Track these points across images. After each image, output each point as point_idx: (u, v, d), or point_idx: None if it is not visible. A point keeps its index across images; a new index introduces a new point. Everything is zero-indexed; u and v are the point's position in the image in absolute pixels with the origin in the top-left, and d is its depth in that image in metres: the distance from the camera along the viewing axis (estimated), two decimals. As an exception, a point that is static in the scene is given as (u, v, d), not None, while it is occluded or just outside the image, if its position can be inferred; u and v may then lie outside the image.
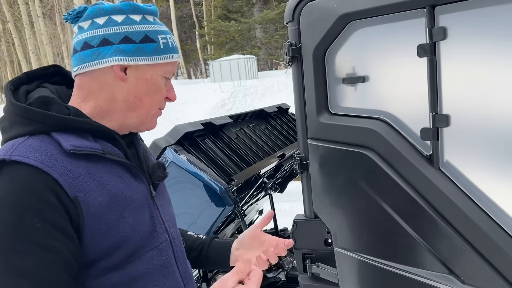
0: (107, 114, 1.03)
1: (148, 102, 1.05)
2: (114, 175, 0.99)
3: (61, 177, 0.89)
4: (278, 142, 3.28)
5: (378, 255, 1.39)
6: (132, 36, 0.99)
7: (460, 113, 1.17)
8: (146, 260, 1.02)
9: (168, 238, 1.09)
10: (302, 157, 1.56)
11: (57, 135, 0.94)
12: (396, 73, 1.29)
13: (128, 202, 0.99)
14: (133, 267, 0.99)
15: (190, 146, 2.34)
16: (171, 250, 1.09)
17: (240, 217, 2.28)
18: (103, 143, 1.00)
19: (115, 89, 1.01)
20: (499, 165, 1.12)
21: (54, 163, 0.90)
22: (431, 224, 1.24)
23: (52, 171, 0.89)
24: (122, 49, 0.98)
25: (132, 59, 0.99)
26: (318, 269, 1.59)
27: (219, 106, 16.23)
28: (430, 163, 1.24)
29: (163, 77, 1.05)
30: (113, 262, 0.96)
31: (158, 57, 1.02)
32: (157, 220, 1.07)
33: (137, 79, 1.01)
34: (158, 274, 1.04)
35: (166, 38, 1.04)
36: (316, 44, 1.42)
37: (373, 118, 1.35)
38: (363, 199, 1.39)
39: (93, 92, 1.02)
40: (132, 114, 1.04)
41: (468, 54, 1.12)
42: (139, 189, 1.04)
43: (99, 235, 0.93)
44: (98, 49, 0.98)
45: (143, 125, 1.08)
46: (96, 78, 1.01)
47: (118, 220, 0.96)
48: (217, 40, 29.27)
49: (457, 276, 1.22)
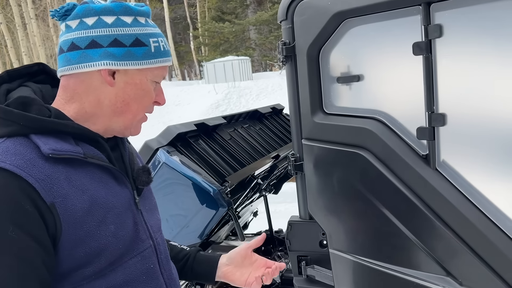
0: (91, 117, 0.99)
1: (135, 107, 1.01)
2: (95, 180, 0.95)
3: (37, 182, 0.85)
4: (273, 143, 3.25)
5: (374, 257, 1.37)
6: (122, 39, 0.95)
7: (456, 112, 1.15)
8: (129, 268, 0.98)
9: (152, 245, 1.06)
10: (296, 157, 1.54)
11: (36, 138, 0.90)
12: (392, 72, 1.27)
13: (110, 208, 0.95)
14: (114, 275, 0.96)
15: (183, 147, 2.31)
16: (155, 257, 1.06)
17: (234, 219, 2.25)
18: (85, 146, 0.96)
19: (101, 93, 0.97)
20: (496, 165, 1.11)
21: (30, 168, 0.86)
22: (428, 225, 1.22)
23: (28, 176, 0.84)
24: (111, 53, 0.94)
25: (121, 63, 0.95)
26: (313, 271, 1.56)
27: (214, 107, 16.20)
28: (426, 163, 1.22)
29: (152, 82, 1.02)
30: (94, 270, 0.92)
31: (149, 61, 0.98)
32: (140, 226, 1.03)
33: (126, 84, 0.98)
34: (140, 281, 1.01)
35: (157, 42, 1.00)
36: (310, 42, 1.40)
37: (368, 118, 1.33)
38: (358, 200, 1.36)
39: (78, 94, 0.98)
40: (118, 118, 1.01)
41: (464, 52, 1.11)
42: (122, 194, 1.00)
43: (78, 243, 0.89)
44: (86, 51, 0.94)
45: (127, 130, 1.05)
46: (82, 80, 0.97)
47: (98, 227, 0.92)
48: (211, 42, 29.25)
49: (454, 278, 1.20)
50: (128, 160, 1.07)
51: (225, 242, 3.11)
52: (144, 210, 1.07)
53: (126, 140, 1.13)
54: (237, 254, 1.29)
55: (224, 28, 26.90)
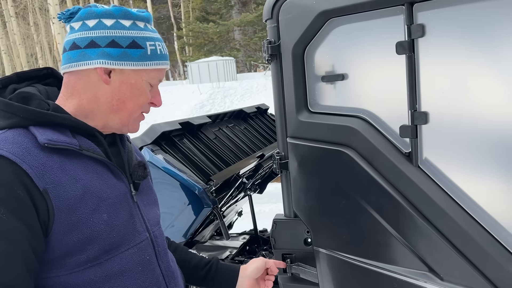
0: (90, 113, 1.05)
1: (131, 106, 1.07)
2: (89, 171, 1.00)
3: (30, 169, 0.90)
4: (258, 142, 3.26)
5: (358, 254, 1.38)
6: (119, 41, 1.01)
7: (439, 110, 1.17)
8: (125, 258, 1.03)
9: (149, 237, 1.10)
10: (281, 156, 1.55)
11: (34, 129, 0.95)
12: (375, 71, 1.28)
13: (104, 198, 1.00)
14: (110, 265, 1.01)
15: (168, 146, 2.29)
16: (152, 249, 1.11)
17: (219, 218, 2.25)
18: (82, 140, 1.01)
19: (98, 91, 1.03)
20: (477, 162, 1.13)
21: (25, 155, 0.91)
22: (410, 222, 1.24)
23: (23, 163, 0.90)
24: (108, 53, 1.00)
25: (117, 63, 1.01)
26: (298, 269, 1.57)
27: (198, 107, 16.13)
28: (409, 160, 1.24)
29: (148, 83, 1.08)
30: (88, 257, 0.97)
31: (144, 63, 1.05)
32: (137, 218, 1.08)
33: (121, 83, 1.04)
34: (136, 272, 1.05)
35: (154, 45, 1.06)
36: (295, 41, 1.41)
37: (353, 116, 1.34)
38: (342, 198, 1.38)
39: (77, 91, 1.04)
40: (114, 116, 1.07)
41: (447, 51, 1.13)
42: (117, 186, 1.05)
43: (71, 228, 0.94)
44: (85, 50, 1.01)
45: (125, 128, 1.11)
46: (81, 77, 1.03)
47: (91, 215, 0.97)
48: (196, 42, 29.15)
49: (436, 274, 1.22)
50: (127, 156, 1.13)
51: (209, 242, 3.10)
52: (142, 204, 1.12)
53: (126, 138, 1.18)
54: (256, 268, 1.41)
55: (209, 28, 26.83)
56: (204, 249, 2.99)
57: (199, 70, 21.98)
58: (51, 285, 0.96)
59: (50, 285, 0.96)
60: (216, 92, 17.20)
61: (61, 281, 0.96)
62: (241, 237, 3.28)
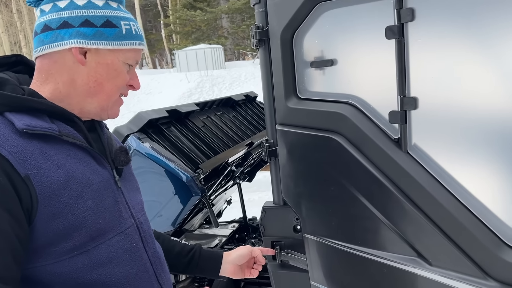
0: (66, 97, 1.01)
1: (109, 88, 1.04)
2: (71, 157, 0.97)
3: (10, 155, 0.87)
4: (246, 130, 3.24)
5: (348, 240, 1.38)
6: (93, 20, 0.98)
7: (428, 96, 1.16)
8: (112, 245, 1.01)
9: (134, 223, 1.09)
10: (270, 143, 1.53)
11: (10, 115, 0.91)
12: (365, 56, 1.27)
13: (87, 184, 0.98)
14: (97, 252, 0.99)
15: (155, 134, 2.26)
16: (138, 235, 1.09)
17: (208, 207, 2.24)
18: (61, 125, 0.98)
19: (74, 73, 1.00)
20: (466, 148, 1.13)
21: (3, 142, 0.87)
22: (399, 207, 1.24)
23: (1, 149, 0.86)
24: (82, 32, 0.97)
25: (92, 42, 0.98)
26: (287, 256, 1.57)
27: (186, 96, 16.02)
28: (398, 146, 1.23)
29: (125, 64, 1.05)
30: (74, 245, 0.95)
31: (120, 42, 1.02)
32: (122, 205, 1.07)
33: (97, 64, 1.01)
34: (124, 259, 1.04)
35: (129, 25, 1.04)
36: (283, 26, 1.39)
37: (342, 102, 1.33)
38: (332, 184, 1.37)
39: (52, 75, 1.00)
40: (92, 99, 1.04)
41: (437, 36, 1.12)
42: (100, 172, 1.03)
43: (56, 215, 0.91)
44: (58, 31, 0.97)
45: (104, 112, 1.07)
46: (56, 60, 0.99)
47: (76, 201, 0.94)
48: (183, 30, 28.81)
49: (424, 259, 1.23)
50: (107, 141, 1.10)
51: (198, 231, 3.09)
52: (125, 190, 1.10)
53: (104, 125, 1.15)
54: (241, 255, 1.43)
55: (196, 16, 26.53)
56: (193, 237, 2.99)
57: (186, 58, 21.77)
58: (37, 275, 0.93)
59: (37, 275, 0.93)
60: (204, 80, 17.08)
61: (48, 270, 0.93)
62: (230, 225, 3.28)
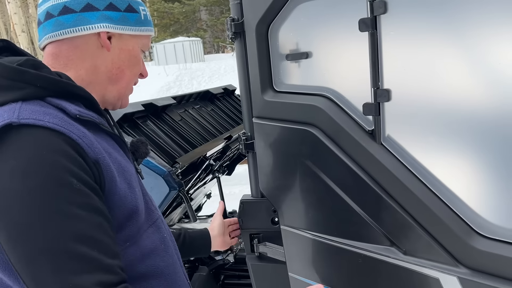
0: (88, 85, 0.95)
1: (129, 75, 1.01)
2: (110, 146, 0.92)
3: (80, 139, 0.81)
4: (225, 124, 3.23)
5: (324, 231, 1.40)
6: (117, 4, 0.96)
7: (401, 88, 1.18)
8: (150, 236, 0.98)
9: (159, 215, 1.07)
10: (247, 136, 1.53)
11: (55, 100, 0.84)
12: (339, 49, 1.28)
13: (130, 173, 0.94)
14: (143, 243, 0.94)
15: (130, 129, 2.23)
16: (164, 227, 1.07)
17: (186, 201, 2.22)
18: (93, 114, 0.93)
19: (98, 59, 0.96)
20: (439, 139, 1.15)
21: (69, 126, 0.81)
22: (374, 198, 1.26)
23: (70, 133, 0.80)
24: (109, 16, 0.94)
25: (118, 27, 0.95)
26: (265, 248, 1.58)
27: (164, 90, 15.84)
28: (372, 138, 1.25)
29: (141, 50, 1.03)
30: (127, 235, 0.90)
31: (140, 28, 1.00)
32: (147, 196, 1.04)
33: (120, 50, 0.98)
34: (161, 250, 1.00)
35: (145, 10, 1.02)
36: (258, 19, 1.38)
37: (317, 95, 1.34)
38: (308, 176, 1.38)
39: (73, 61, 0.94)
40: (113, 87, 1.00)
41: (409, 28, 1.13)
42: (130, 163, 0.99)
43: (117, 203, 0.86)
44: (82, 14, 0.92)
45: (119, 101, 1.04)
46: (77, 46, 0.94)
47: (129, 189, 0.90)
48: (161, 22, 28.40)
49: (398, 248, 1.25)
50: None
51: (177, 225, 3.07)
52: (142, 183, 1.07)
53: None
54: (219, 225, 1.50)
55: (174, 8, 26.20)
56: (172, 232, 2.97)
57: (165, 51, 21.50)
58: None
59: None
60: (183, 73, 16.91)
61: None
62: (209, 219, 3.27)
